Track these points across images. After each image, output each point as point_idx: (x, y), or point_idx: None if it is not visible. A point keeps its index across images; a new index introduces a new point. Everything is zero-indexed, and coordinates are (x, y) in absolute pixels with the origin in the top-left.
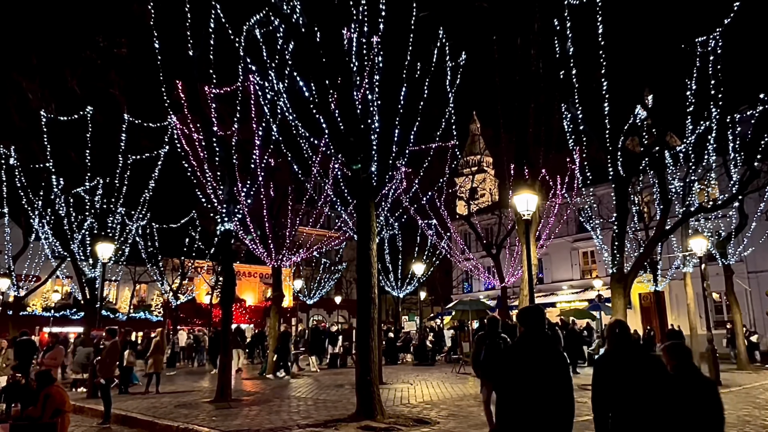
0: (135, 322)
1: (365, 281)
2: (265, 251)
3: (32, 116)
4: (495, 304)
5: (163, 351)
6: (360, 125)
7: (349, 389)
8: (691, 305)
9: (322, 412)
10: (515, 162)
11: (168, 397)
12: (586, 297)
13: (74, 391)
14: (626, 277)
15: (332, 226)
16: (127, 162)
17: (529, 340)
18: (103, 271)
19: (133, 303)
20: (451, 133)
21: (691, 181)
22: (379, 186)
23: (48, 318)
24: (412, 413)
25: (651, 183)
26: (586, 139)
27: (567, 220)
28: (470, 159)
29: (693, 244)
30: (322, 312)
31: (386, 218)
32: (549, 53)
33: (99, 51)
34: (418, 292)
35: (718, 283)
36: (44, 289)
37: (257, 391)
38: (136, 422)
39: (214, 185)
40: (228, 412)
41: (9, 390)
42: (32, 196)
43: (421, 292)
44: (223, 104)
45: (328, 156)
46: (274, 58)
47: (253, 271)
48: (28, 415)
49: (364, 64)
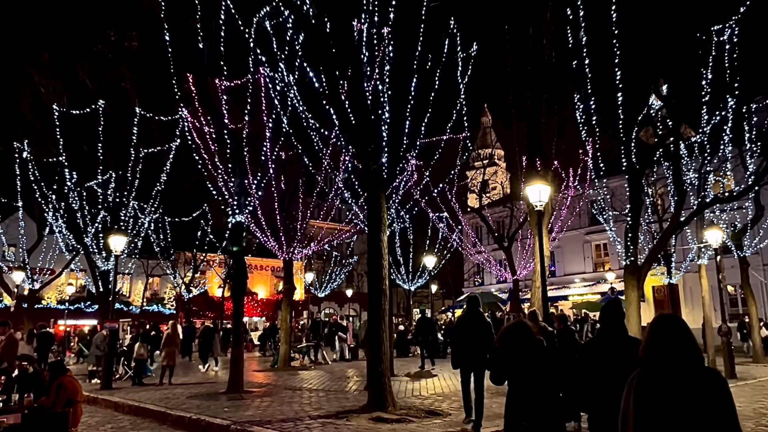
0: (148, 315)
1: (376, 273)
2: (276, 244)
3: (44, 110)
4: (507, 297)
5: (176, 343)
6: (370, 116)
7: (361, 381)
8: (706, 298)
9: (333, 404)
10: (527, 153)
11: (181, 388)
12: (598, 290)
13: (89, 382)
14: (640, 269)
15: (343, 219)
16: (138, 155)
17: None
18: (115, 264)
19: (146, 296)
20: (462, 125)
21: (706, 172)
22: (390, 178)
23: (62, 311)
24: (424, 405)
25: (665, 174)
26: (599, 129)
27: (579, 212)
28: (482, 152)
29: (708, 235)
30: (334, 305)
31: (397, 211)
32: (561, 43)
33: (110, 45)
34: (429, 285)
35: (734, 275)
36: (59, 282)
37: (269, 383)
38: (149, 413)
39: (225, 178)
40: (240, 403)
41: (21, 380)
42: (46, 189)
43: (432, 285)
44: (234, 97)
45: (338, 148)
46: (284, 50)
47: (265, 264)
48: (40, 405)
49: (374, 55)
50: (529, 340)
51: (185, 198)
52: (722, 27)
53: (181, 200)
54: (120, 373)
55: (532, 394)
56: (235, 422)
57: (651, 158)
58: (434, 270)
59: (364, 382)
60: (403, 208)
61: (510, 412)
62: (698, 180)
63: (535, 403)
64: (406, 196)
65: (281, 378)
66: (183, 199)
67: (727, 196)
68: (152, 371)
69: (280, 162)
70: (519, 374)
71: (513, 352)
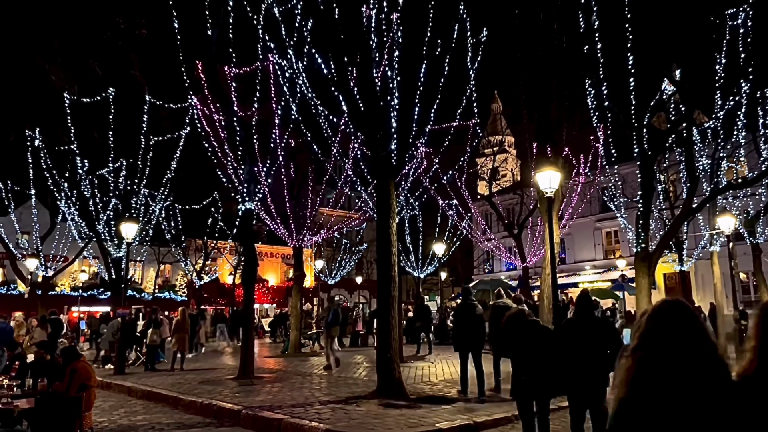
0: (160, 302)
1: (385, 260)
2: (286, 231)
3: (55, 98)
4: (516, 284)
5: (186, 330)
6: (379, 103)
7: (370, 367)
8: (718, 285)
9: (343, 389)
10: (537, 139)
11: (192, 374)
12: (609, 277)
13: (103, 367)
14: (651, 255)
15: (353, 206)
16: (149, 143)
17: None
18: (127, 251)
19: (158, 283)
20: (472, 112)
21: (719, 158)
22: (399, 165)
23: (76, 297)
24: (433, 391)
25: (677, 161)
26: (610, 115)
27: (590, 199)
28: (492, 139)
29: (720, 222)
30: (344, 292)
31: (406, 198)
32: (573, 27)
33: (119, 32)
34: (438, 273)
35: (746, 262)
36: (72, 269)
37: (279, 369)
38: (161, 397)
39: (235, 165)
40: (250, 389)
41: (35, 365)
42: (58, 177)
43: (441, 273)
44: (243, 84)
45: (348, 135)
46: (292, 37)
47: (276, 251)
48: (54, 390)
49: (383, 41)
50: (525, 322)
51: (196, 185)
52: (736, 10)
53: (192, 188)
54: (132, 359)
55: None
56: (246, 407)
57: (663, 144)
58: (444, 257)
59: (374, 368)
60: (412, 196)
61: (514, 372)
62: (711, 166)
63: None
64: (415, 184)
65: (291, 364)
66: (194, 186)
67: (740, 182)
68: (164, 357)
69: (290, 149)
70: (518, 346)
71: (513, 331)
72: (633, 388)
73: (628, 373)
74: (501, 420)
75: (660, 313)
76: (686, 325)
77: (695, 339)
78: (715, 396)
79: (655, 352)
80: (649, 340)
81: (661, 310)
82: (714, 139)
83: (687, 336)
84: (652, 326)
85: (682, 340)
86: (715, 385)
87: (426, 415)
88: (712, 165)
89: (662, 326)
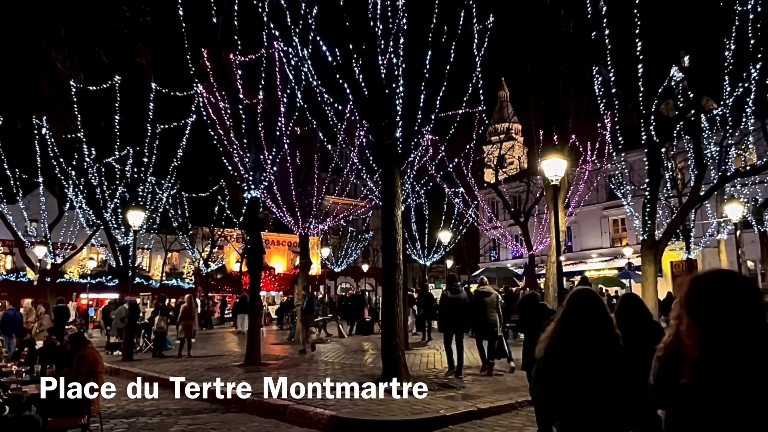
0: (167, 289)
1: (390, 247)
2: (292, 219)
3: (62, 86)
4: (522, 272)
5: (192, 316)
6: (385, 90)
7: (376, 354)
8: None
9: (348, 376)
10: (544, 127)
11: (199, 360)
12: (615, 265)
13: (110, 354)
14: (658, 243)
15: (358, 194)
16: (155, 131)
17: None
18: (134, 238)
19: (166, 270)
20: (478, 99)
21: (727, 145)
22: (405, 152)
23: (84, 285)
24: (438, 378)
25: (685, 148)
26: (618, 103)
27: (597, 187)
28: (498, 126)
29: (728, 210)
30: (350, 279)
31: (412, 186)
32: (580, 13)
33: (125, 20)
34: (444, 261)
35: (754, 250)
36: (80, 257)
37: (286, 356)
38: (169, 384)
39: (241, 153)
40: (257, 376)
41: (44, 352)
42: (65, 165)
43: (447, 261)
44: (248, 71)
45: (353, 123)
46: (297, 24)
47: (282, 239)
48: (62, 376)
49: (388, 28)
50: (536, 305)
51: (202, 173)
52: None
53: (199, 176)
54: (140, 346)
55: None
56: (252, 393)
57: (671, 132)
58: (450, 245)
59: (379, 355)
60: (418, 183)
61: (525, 351)
62: (719, 153)
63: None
64: (421, 171)
65: (298, 351)
66: (200, 174)
67: (748, 170)
68: (172, 344)
69: (296, 137)
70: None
71: (526, 313)
72: (550, 349)
73: (550, 338)
74: (505, 407)
75: (575, 297)
76: (592, 307)
77: (597, 317)
78: (606, 357)
79: (568, 324)
80: (565, 316)
81: (576, 295)
82: (722, 126)
83: (591, 315)
84: (568, 307)
85: (588, 317)
86: (608, 349)
87: (429, 401)
88: (721, 152)
89: (575, 307)
